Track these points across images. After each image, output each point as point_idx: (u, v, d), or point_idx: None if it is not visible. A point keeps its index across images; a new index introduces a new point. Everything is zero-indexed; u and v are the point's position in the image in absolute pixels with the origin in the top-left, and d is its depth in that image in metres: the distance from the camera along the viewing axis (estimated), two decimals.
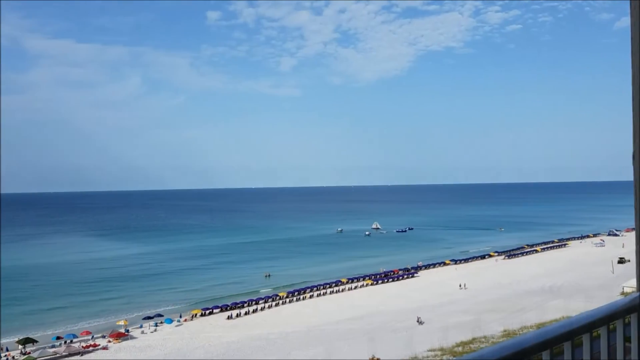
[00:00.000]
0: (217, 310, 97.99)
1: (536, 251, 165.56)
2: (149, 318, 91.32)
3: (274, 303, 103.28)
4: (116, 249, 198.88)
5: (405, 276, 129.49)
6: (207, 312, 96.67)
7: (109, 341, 79.32)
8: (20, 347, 75.70)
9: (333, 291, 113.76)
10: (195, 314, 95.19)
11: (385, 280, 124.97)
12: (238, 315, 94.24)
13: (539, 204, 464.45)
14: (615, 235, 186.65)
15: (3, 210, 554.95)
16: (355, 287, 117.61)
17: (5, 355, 72.84)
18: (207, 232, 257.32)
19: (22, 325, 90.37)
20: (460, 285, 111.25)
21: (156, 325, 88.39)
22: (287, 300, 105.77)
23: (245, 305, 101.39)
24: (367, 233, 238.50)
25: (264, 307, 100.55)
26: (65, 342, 78.38)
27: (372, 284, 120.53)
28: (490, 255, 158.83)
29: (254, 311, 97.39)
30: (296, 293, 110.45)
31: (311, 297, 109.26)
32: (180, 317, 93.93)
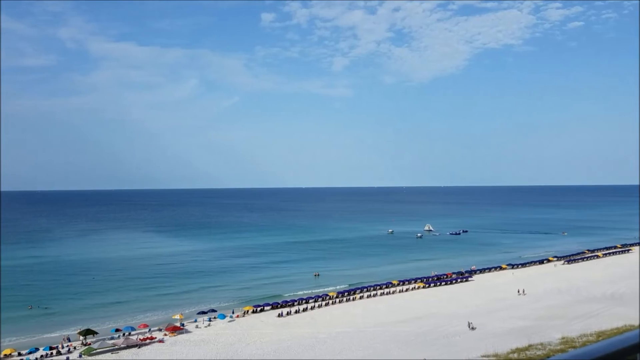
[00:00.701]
0: (268, 307, 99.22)
1: (597, 256, 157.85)
2: (203, 313, 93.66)
3: (323, 303, 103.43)
4: (172, 246, 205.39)
5: (459, 280, 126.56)
6: (259, 309, 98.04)
7: (165, 334, 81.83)
8: (81, 338, 79.36)
9: (383, 293, 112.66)
10: (247, 311, 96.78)
11: (438, 283, 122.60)
12: (288, 314, 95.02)
13: (600, 207, 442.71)
14: None
15: (68, 207, 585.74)
16: (407, 290, 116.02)
17: (67, 346, 76.53)
18: (258, 231, 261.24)
19: (83, 318, 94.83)
20: (518, 291, 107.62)
21: (210, 320, 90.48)
22: (337, 300, 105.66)
23: (296, 303, 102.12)
24: (419, 235, 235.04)
25: (314, 306, 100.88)
26: (123, 334, 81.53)
27: (424, 287, 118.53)
28: (548, 260, 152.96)
29: (304, 310, 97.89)
30: (346, 293, 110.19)
31: (361, 298, 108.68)
32: (233, 313, 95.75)
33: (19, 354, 71.85)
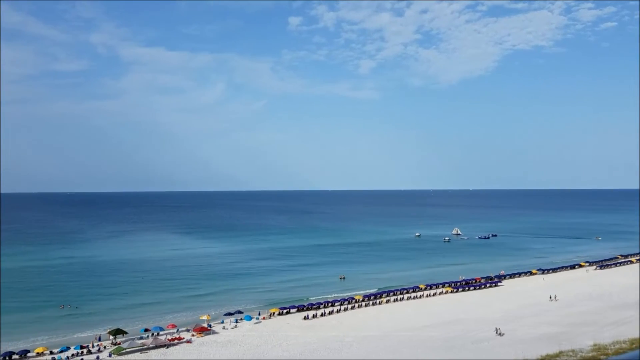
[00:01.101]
0: (294, 310, 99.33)
1: (631, 262, 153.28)
2: (230, 314, 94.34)
3: (349, 306, 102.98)
4: (199, 247, 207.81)
5: (488, 285, 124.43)
6: (285, 311, 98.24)
7: (193, 335, 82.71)
8: (111, 337, 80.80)
9: (410, 297, 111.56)
10: (273, 313, 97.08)
11: (467, 288, 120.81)
12: (314, 316, 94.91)
13: (636, 212, 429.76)
14: None
15: (98, 209, 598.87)
16: (434, 294, 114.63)
17: (98, 345, 78.00)
18: (284, 234, 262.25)
19: (113, 317, 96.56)
20: (550, 297, 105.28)
21: (236, 322, 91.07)
22: (363, 303, 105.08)
23: (322, 306, 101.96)
24: (446, 239, 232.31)
25: (340, 309, 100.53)
26: (152, 334, 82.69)
27: (452, 292, 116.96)
28: (580, 265, 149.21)
29: (330, 313, 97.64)
30: (372, 297, 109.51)
31: (388, 302, 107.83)
32: (259, 314, 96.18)
33: (51, 353, 73.52)
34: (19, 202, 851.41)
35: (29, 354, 72.48)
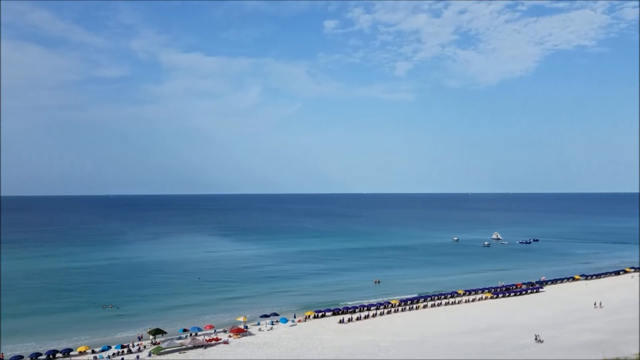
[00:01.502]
0: (329, 313, 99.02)
1: None
2: (266, 316, 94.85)
3: (385, 310, 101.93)
4: (235, 250, 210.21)
5: (529, 290, 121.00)
6: (320, 314, 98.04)
7: (230, 336, 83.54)
8: (151, 337, 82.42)
9: (448, 302, 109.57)
10: (309, 316, 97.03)
11: (507, 294, 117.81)
12: (350, 320, 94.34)
13: None
14: None
15: (142, 210, 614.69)
16: (473, 300, 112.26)
17: (138, 345, 79.65)
18: (319, 237, 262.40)
19: (153, 317, 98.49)
20: (595, 304, 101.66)
21: (272, 324, 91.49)
22: (400, 308, 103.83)
23: (357, 310, 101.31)
24: (486, 243, 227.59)
25: (375, 313, 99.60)
26: (190, 334, 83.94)
27: (491, 297, 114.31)
28: (625, 271, 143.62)
29: (366, 317, 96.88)
30: (409, 302, 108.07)
31: (425, 307, 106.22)
32: (295, 317, 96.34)
33: (93, 352, 75.48)
34: (64, 205, 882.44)
35: (71, 353, 74.58)
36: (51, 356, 73.01)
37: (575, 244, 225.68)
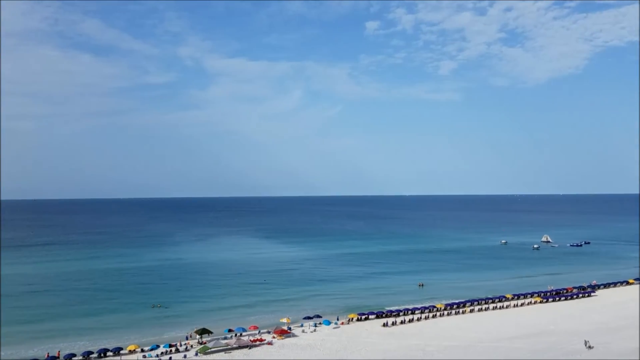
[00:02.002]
0: (373, 316, 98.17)
1: None
2: (309, 318, 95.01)
3: (430, 314, 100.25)
4: (279, 251, 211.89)
5: (580, 295, 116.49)
6: (363, 317, 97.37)
7: (274, 337, 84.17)
8: (197, 336, 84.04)
9: (496, 307, 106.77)
10: (352, 318, 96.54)
11: (557, 298, 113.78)
12: (394, 324, 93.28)
13: None
14: None
15: (189, 212, 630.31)
16: (522, 304, 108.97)
17: (185, 344, 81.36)
18: (362, 239, 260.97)
19: (200, 317, 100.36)
20: None
21: (315, 326, 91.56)
22: (445, 312, 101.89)
23: (401, 314, 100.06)
24: (535, 246, 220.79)
25: (420, 317, 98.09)
26: (235, 334, 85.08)
27: (541, 302, 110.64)
28: None
29: (410, 321, 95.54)
30: (455, 306, 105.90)
31: (471, 311, 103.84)
32: (338, 319, 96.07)
33: (142, 350, 77.61)
34: (113, 207, 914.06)
35: (121, 351, 76.89)
36: (102, 354, 75.46)
37: (629, 247, 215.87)
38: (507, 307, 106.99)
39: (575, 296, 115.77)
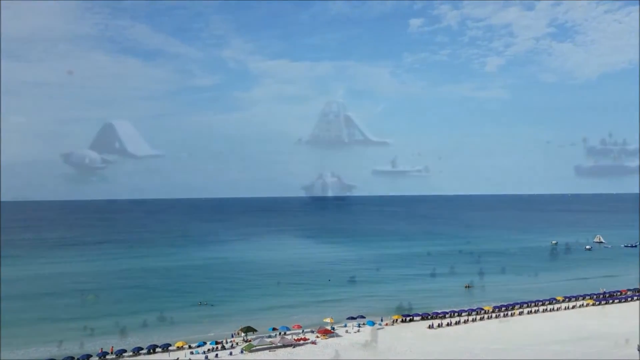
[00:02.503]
0: (418, 317, 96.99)
1: None
2: (353, 318, 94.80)
3: (478, 317, 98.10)
4: (322, 252, 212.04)
5: (635, 297, 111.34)
6: (408, 319, 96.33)
7: (317, 336, 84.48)
8: (242, 334, 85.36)
9: (546, 309, 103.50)
10: (396, 320, 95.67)
11: (610, 301, 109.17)
12: (439, 326, 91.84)
13: None
14: None
15: (233, 212, 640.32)
16: (573, 307, 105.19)
17: (231, 341, 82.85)
18: (406, 240, 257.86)
19: (245, 315, 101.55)
20: None
21: (359, 326, 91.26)
22: (493, 315, 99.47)
23: (447, 316, 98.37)
24: (587, 247, 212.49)
25: (467, 319, 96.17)
26: (279, 333, 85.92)
27: (593, 305, 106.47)
28: None
29: (456, 323, 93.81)
30: (503, 308, 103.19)
31: (520, 314, 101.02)
32: (382, 320, 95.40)
33: (189, 347, 79.59)
34: (159, 207, 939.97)
35: (170, 348, 79.00)
36: (151, 350, 77.77)
37: None
38: (557, 309, 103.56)
39: (629, 299, 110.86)
